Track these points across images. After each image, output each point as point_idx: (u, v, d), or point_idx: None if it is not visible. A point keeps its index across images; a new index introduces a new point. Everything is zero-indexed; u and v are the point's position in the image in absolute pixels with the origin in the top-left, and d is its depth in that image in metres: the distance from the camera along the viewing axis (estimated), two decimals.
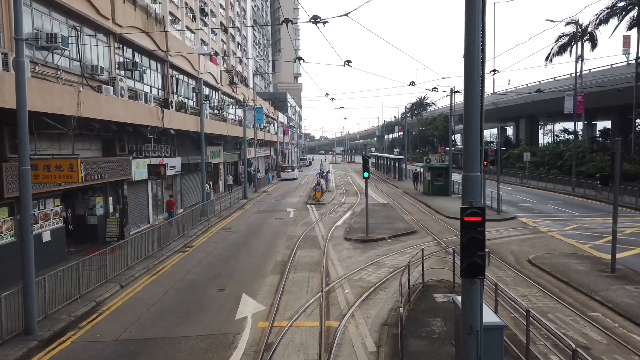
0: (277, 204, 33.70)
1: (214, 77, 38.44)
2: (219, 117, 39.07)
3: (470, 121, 6.53)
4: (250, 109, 44.55)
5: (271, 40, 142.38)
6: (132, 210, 22.44)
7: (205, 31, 64.95)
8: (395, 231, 21.20)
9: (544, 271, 14.38)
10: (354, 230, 21.86)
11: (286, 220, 25.98)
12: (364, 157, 20.54)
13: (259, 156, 59.79)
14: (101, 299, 12.98)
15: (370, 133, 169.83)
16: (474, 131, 6.55)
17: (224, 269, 15.98)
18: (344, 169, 79.44)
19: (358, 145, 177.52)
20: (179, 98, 29.73)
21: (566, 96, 36.75)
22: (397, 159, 53.63)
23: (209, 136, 34.75)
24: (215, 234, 22.77)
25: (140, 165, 22.30)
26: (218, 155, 39.03)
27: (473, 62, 6.47)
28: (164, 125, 21.94)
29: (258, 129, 54.44)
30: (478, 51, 6.47)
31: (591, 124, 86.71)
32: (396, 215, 26.29)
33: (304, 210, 30.21)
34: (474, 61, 6.48)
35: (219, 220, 26.81)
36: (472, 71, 6.49)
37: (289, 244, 19.66)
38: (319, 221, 25.34)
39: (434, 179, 36.22)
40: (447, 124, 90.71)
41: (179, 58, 29.46)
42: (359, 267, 15.46)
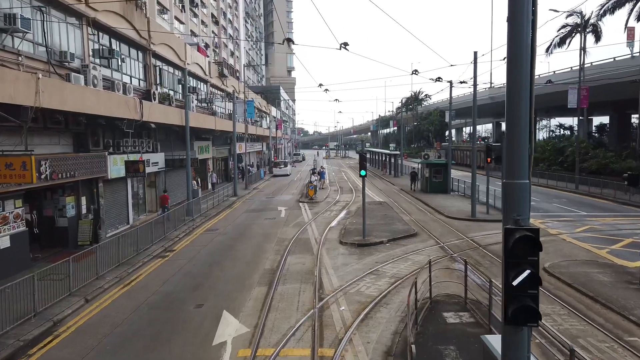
0: (268, 202, 32.00)
1: (202, 68, 36.56)
2: (207, 111, 37.22)
3: (516, 112, 4.91)
4: (240, 102, 42.71)
5: (264, 33, 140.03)
6: (108, 211, 20.67)
7: (195, 22, 63.00)
8: (394, 233, 19.59)
9: (564, 283, 12.82)
10: (349, 232, 20.23)
11: (277, 221, 24.30)
12: (361, 154, 18.83)
13: (250, 151, 57.99)
14: (60, 317, 11.26)
15: (364, 128, 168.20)
16: (519, 125, 4.91)
17: (206, 279, 14.29)
18: (338, 165, 77.77)
19: (352, 140, 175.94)
20: (163, 90, 27.90)
21: (570, 90, 35.27)
22: (393, 155, 52.03)
23: (196, 130, 32.96)
24: (200, 237, 21.06)
25: (117, 161, 20.50)
26: (206, 150, 37.23)
27: (519, 34, 4.81)
28: (142, 118, 20.13)
29: (249, 123, 52.63)
30: (528, 19, 4.80)
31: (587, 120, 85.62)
32: (394, 215, 24.69)
33: (296, 209, 28.53)
34: (521, 34, 4.82)
35: (205, 220, 25.08)
36: (518, 45, 4.83)
37: (279, 248, 17.99)
38: (312, 222, 23.69)
39: (432, 176, 34.66)
40: (442, 119, 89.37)
41: (163, 47, 27.59)
42: (356, 276, 13.82)
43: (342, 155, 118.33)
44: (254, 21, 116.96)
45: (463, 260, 11.85)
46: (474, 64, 22.96)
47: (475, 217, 23.39)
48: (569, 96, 35.25)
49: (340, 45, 16.26)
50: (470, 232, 20.17)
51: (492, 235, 19.25)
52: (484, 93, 70.49)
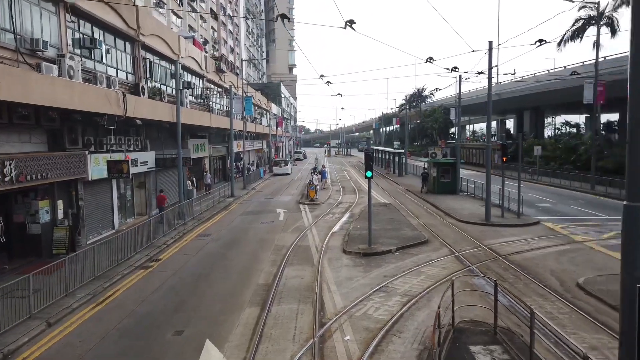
0: (266, 204, 30.20)
1: (198, 62, 34.73)
2: (203, 107, 35.44)
3: None
4: (238, 98, 40.90)
5: (265, 30, 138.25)
6: (90, 215, 18.90)
7: (193, 17, 61.18)
8: (402, 240, 17.78)
9: (606, 304, 10.98)
10: (353, 239, 18.42)
11: (275, 225, 22.51)
12: (367, 153, 16.97)
13: (249, 149, 56.22)
14: (13, 348, 9.50)
15: (366, 126, 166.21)
16: None
17: (190, 296, 12.51)
18: (340, 163, 75.95)
19: (354, 138, 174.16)
20: (154, 84, 26.12)
21: (585, 85, 33.37)
22: (397, 153, 50.18)
23: (190, 128, 31.17)
24: (190, 243, 19.28)
25: (99, 161, 18.72)
26: (202, 149, 35.46)
27: None
28: (127, 113, 18.33)
29: (248, 120, 50.84)
30: None
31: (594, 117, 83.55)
32: (401, 218, 22.87)
33: (296, 211, 26.73)
34: None
35: (198, 224, 23.30)
36: None
37: (276, 258, 16.19)
38: (313, 226, 21.89)
39: (440, 175, 32.82)
40: (447, 116, 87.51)
41: (154, 39, 25.78)
42: (362, 294, 12.02)
43: (344, 154, 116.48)
44: (254, 17, 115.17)
45: (492, 281, 10.03)
46: (489, 53, 21.10)
47: (489, 221, 21.57)
48: (584, 92, 33.36)
49: (345, 24, 14.37)
50: (486, 238, 18.35)
51: (511, 244, 17.43)
52: None
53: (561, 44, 41.47)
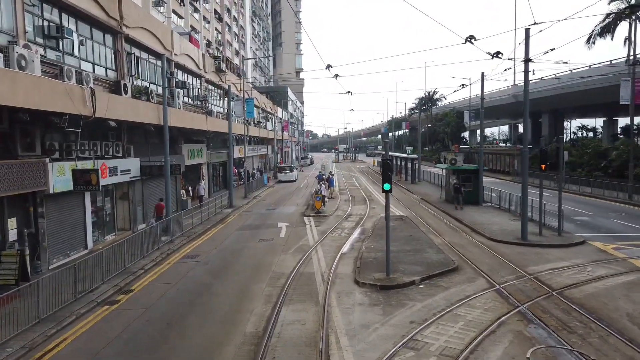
0: (267, 216, 27.12)
1: (195, 61, 31.88)
2: (201, 109, 32.58)
3: None
4: (239, 100, 38.00)
5: (272, 33, 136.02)
6: (54, 234, 15.94)
7: (196, 18, 58.60)
8: (427, 267, 14.61)
9: None
10: (367, 264, 15.27)
11: (274, 244, 19.40)
12: (385, 161, 13.74)
13: (253, 155, 53.34)
14: None
15: (374, 130, 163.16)
16: None
17: (155, 352, 9.45)
18: (349, 169, 72.77)
19: (362, 143, 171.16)
20: (142, 83, 23.26)
21: (622, 83, 30.04)
22: (410, 159, 46.96)
23: (185, 132, 28.29)
24: (172, 268, 16.23)
25: (65, 170, 15.77)
26: (199, 154, 32.52)
27: None
28: (96, 114, 15.35)
29: (251, 124, 47.94)
30: None
31: (612, 121, 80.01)
32: (421, 236, 19.68)
33: (299, 225, 23.63)
34: None
35: (187, 241, 20.28)
36: None
37: (272, 291, 13.07)
38: (319, 245, 18.76)
39: (461, 184, 29.53)
40: (459, 120, 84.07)
41: (141, 32, 22.96)
42: (383, 354, 8.88)
43: (352, 159, 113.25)
44: (261, 20, 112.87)
45: (567, 346, 6.81)
46: (526, 41, 17.85)
47: (527, 240, 18.32)
48: (621, 91, 30.02)
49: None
50: (528, 264, 15.13)
51: (562, 272, 14.19)
52: (506, 92, 65.26)
53: (590, 40, 38.17)
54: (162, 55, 22.23)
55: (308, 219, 25.46)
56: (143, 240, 17.28)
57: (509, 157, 54.76)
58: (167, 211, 21.41)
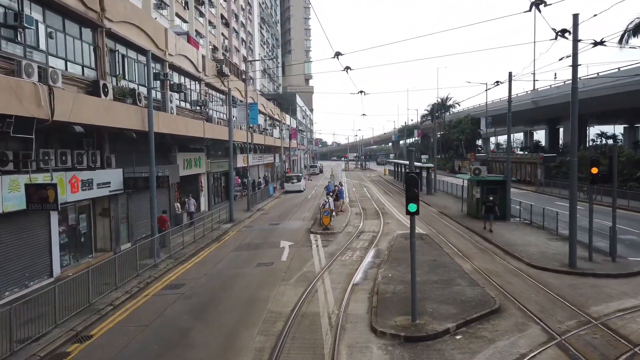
0: (269, 233, 24.27)
1: (193, 62, 29.27)
2: (200, 115, 29.97)
3: None
4: (242, 105, 35.38)
5: (281, 40, 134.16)
6: (7, 262, 13.23)
7: (201, 22, 56.39)
8: (461, 307, 11.63)
9: None
10: (385, 301, 12.31)
11: (274, 270, 16.51)
12: (410, 176, 10.70)
13: (259, 164, 50.67)
14: None
15: (385, 138, 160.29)
16: None
17: None
18: (359, 178, 69.82)
19: (372, 151, 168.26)
20: (127, 84, 20.65)
21: None
22: (425, 168, 43.91)
23: (182, 139, 25.63)
24: (148, 303, 13.41)
25: (20, 185, 13.07)
26: (197, 164, 29.83)
27: None
28: (54, 117, 12.64)
29: (256, 131, 45.31)
30: None
31: (633, 127, 76.44)
32: (447, 260, 16.69)
33: (305, 245, 20.75)
34: None
35: (174, 265, 17.48)
36: None
37: (264, 343, 10.15)
38: (326, 272, 15.85)
39: (485, 196, 26.49)
40: (474, 127, 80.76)
41: (128, 27, 20.39)
42: None
43: (363, 167, 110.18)
44: (270, 27, 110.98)
45: None
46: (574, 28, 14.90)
47: (575, 267, 15.25)
48: None
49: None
50: (588, 302, 12.09)
51: (636, 314, 11.13)
52: (525, 97, 62.03)
53: (623, 40, 34.98)
54: (148, 51, 19.53)
55: (315, 236, 22.57)
56: (116, 267, 14.48)
57: (530, 166, 51.41)
58: (153, 229, 18.64)
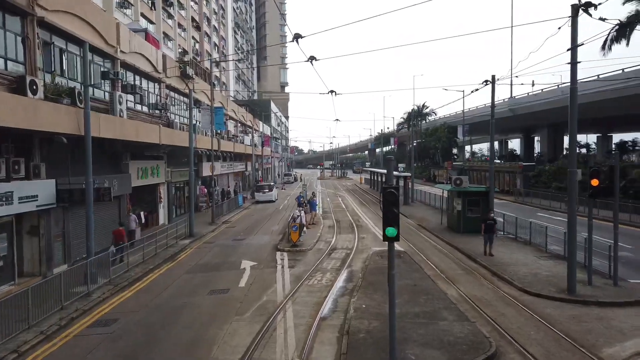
0: (232, 250, 21.77)
1: (151, 62, 26.71)
2: (159, 119, 27.38)
3: None
4: (206, 109, 32.88)
5: (256, 47, 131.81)
6: None
7: (170, 24, 53.71)
8: (450, 353, 9.44)
9: None
10: (358, 344, 10.03)
11: (229, 299, 14.06)
12: (387, 190, 8.42)
13: (228, 172, 48.03)
14: None
15: (361, 146, 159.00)
16: None
17: None
18: (334, 187, 67.74)
19: (348, 159, 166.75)
20: (65, 81, 18.03)
21: None
22: (403, 177, 42.06)
23: (132, 145, 22.95)
24: (65, 348, 10.78)
25: None
26: (155, 173, 27.13)
27: None
28: None
29: (225, 138, 42.79)
30: None
31: (606, 137, 76.60)
32: (429, 285, 14.56)
33: (269, 265, 18.36)
34: None
35: (110, 294, 14.85)
36: None
37: None
38: (289, 300, 13.50)
39: (467, 208, 24.64)
40: (450, 135, 79.82)
41: (69, 18, 17.87)
42: None
43: (339, 175, 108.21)
44: (244, 33, 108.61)
45: None
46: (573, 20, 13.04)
47: (576, 294, 13.31)
48: None
49: None
50: (598, 342, 10.09)
51: None
52: (502, 105, 61.13)
53: (605, 46, 33.88)
54: (84, 42, 16.93)
55: (281, 255, 20.19)
56: (29, 300, 11.79)
57: (509, 175, 50.20)
58: (89, 249, 15.96)
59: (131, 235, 20.73)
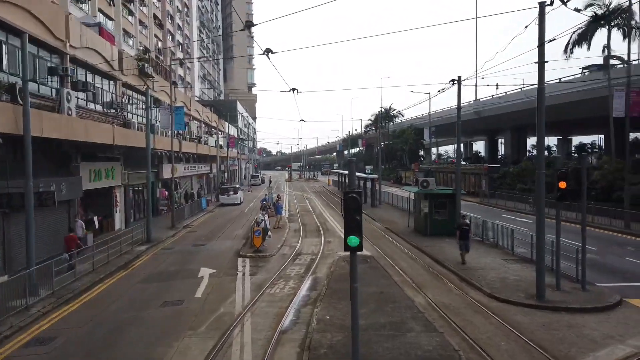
0: (191, 256, 20.65)
1: (106, 58, 25.25)
2: (115, 119, 25.96)
3: None
4: (165, 109, 31.52)
5: (222, 47, 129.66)
6: None
7: (130, 21, 51.67)
8: None
9: None
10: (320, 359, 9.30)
11: (183, 311, 13.04)
12: (351, 196, 7.65)
13: (192, 174, 46.51)
14: None
15: (329, 148, 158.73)
16: None
17: None
18: (302, 189, 66.93)
19: (317, 161, 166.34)
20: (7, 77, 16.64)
21: (615, 93, 25.86)
22: (370, 179, 41.65)
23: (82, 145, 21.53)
24: None
25: None
26: (110, 175, 25.68)
27: None
28: None
29: (187, 138, 41.35)
30: None
31: (566, 139, 78.65)
32: (396, 292, 13.96)
33: (229, 272, 17.39)
34: None
35: (53, 307, 13.55)
36: None
37: None
38: (249, 312, 12.61)
39: (434, 211, 24.29)
40: (417, 137, 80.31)
41: (8, 8, 16.53)
42: None
43: (307, 177, 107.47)
44: (210, 32, 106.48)
45: None
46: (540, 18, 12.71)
47: (544, 299, 12.94)
48: (614, 102, 25.82)
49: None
50: (571, 351, 9.65)
51: None
52: (468, 107, 61.73)
53: (568, 50, 34.37)
54: (23, 32, 15.56)
55: (243, 261, 19.24)
56: None
57: (474, 177, 50.62)
58: (29, 258, 14.63)
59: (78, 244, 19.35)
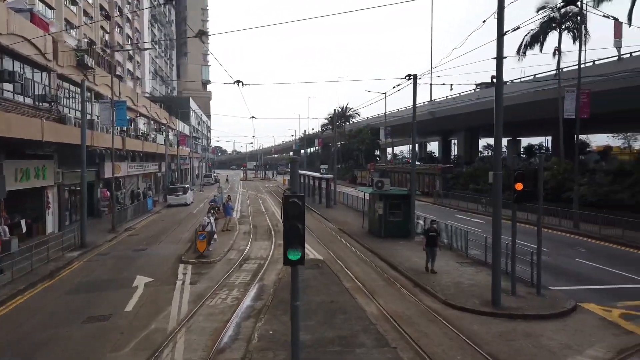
0: (127, 264, 18.95)
1: (38, 47, 23.07)
2: (48, 113, 23.83)
3: None
4: (105, 103, 29.39)
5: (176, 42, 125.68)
6: None
7: (73, 11, 48.53)
8: None
9: None
10: None
11: (108, 328, 11.56)
12: (292, 202, 6.39)
13: (138, 173, 44.16)
14: None
15: (286, 147, 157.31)
16: None
17: None
18: (256, 189, 65.36)
19: (273, 160, 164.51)
20: None
21: (567, 94, 26.10)
22: (325, 179, 40.79)
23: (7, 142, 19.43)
24: None
25: None
26: (40, 174, 23.49)
27: None
28: None
29: (132, 135, 39.09)
30: None
31: (515, 140, 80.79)
32: (348, 301, 13.04)
33: (167, 282, 15.94)
34: None
35: None
36: None
37: None
38: (183, 327, 11.31)
39: (389, 212, 23.65)
40: (374, 137, 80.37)
41: None
42: None
43: (262, 177, 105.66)
44: (162, 27, 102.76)
45: None
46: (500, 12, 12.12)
47: (501, 306, 12.37)
48: (565, 103, 26.06)
49: None
50: None
51: None
52: (423, 108, 62.08)
53: (520, 51, 34.81)
54: None
55: (185, 268, 17.82)
56: None
57: (428, 177, 50.78)
58: None
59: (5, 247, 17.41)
